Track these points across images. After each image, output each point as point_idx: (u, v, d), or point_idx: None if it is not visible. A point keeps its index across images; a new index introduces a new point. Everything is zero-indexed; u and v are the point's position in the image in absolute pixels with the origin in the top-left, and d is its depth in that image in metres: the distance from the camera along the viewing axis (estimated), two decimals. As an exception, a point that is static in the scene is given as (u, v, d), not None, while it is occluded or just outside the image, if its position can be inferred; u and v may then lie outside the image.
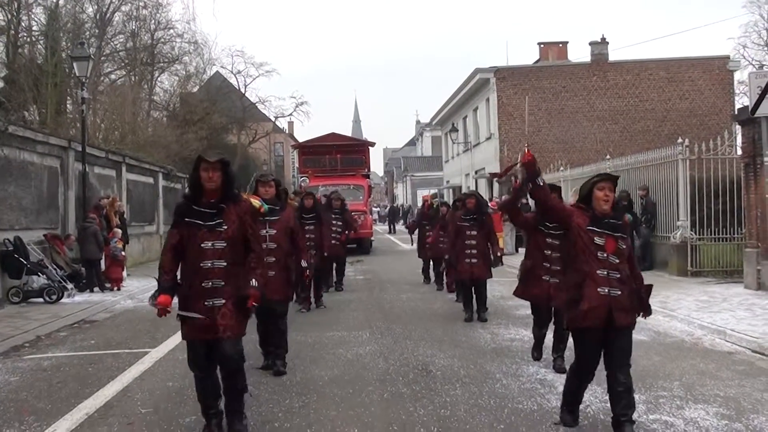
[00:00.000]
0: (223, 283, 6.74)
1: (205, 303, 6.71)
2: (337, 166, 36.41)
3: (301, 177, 36.19)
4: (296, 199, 14.64)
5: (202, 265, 6.73)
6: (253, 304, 6.88)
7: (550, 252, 9.90)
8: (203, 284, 6.73)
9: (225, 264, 6.75)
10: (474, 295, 14.11)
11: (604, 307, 6.74)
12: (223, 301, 6.73)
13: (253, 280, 6.85)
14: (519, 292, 10.48)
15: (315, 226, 15.47)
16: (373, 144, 39.85)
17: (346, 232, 18.61)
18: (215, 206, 6.80)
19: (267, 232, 9.68)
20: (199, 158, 6.84)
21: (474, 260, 13.69)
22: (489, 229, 14.02)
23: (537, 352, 10.56)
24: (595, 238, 6.86)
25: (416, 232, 20.96)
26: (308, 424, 7.61)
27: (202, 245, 6.73)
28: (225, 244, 6.76)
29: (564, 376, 8.25)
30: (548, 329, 10.42)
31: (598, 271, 6.80)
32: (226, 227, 6.77)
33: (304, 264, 10.77)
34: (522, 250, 30.69)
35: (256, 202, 8.77)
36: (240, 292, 6.80)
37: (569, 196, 28.39)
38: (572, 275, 7.02)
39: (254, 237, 7.04)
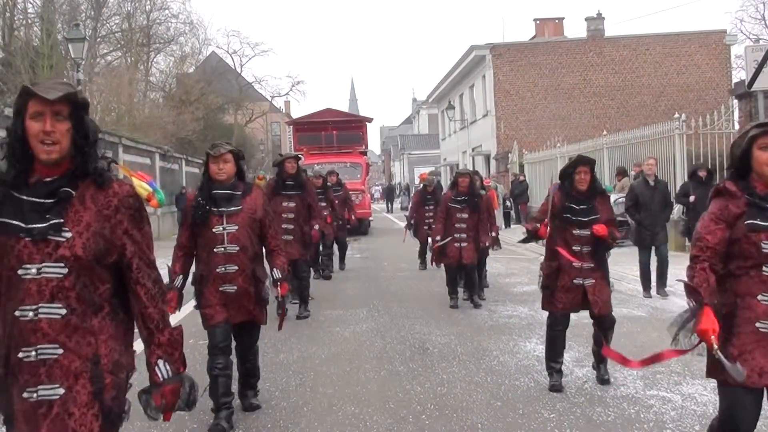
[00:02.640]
0: (60, 351, 3.30)
1: (26, 395, 3.29)
2: (333, 143, 34.58)
3: (296, 155, 34.61)
4: (262, 182, 11.49)
5: (18, 314, 3.28)
6: None
7: (579, 248, 7.79)
8: (23, 356, 3.29)
9: (63, 312, 3.30)
10: (462, 281, 13.47)
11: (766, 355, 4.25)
12: (61, 390, 3.30)
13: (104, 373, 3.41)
14: (546, 305, 8.16)
15: (298, 199, 12.33)
16: (370, 120, 37.93)
17: (337, 215, 17.55)
18: (52, 190, 3.36)
19: (224, 229, 6.69)
20: (24, 93, 3.33)
21: (463, 244, 12.73)
22: (481, 212, 13.01)
23: (554, 377, 8.08)
24: (762, 243, 4.21)
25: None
26: (305, 402, 7.64)
27: (21, 272, 3.28)
28: (65, 271, 3.29)
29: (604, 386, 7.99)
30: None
31: (761, 297, 4.25)
32: (69, 235, 3.31)
33: (277, 274, 7.11)
34: (515, 227, 30.73)
35: (142, 184, 4.48)
36: (100, 382, 3.39)
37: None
38: (724, 297, 4.39)
39: (142, 259, 3.54)
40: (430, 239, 15.21)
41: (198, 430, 6.82)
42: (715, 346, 4.11)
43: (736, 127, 19.23)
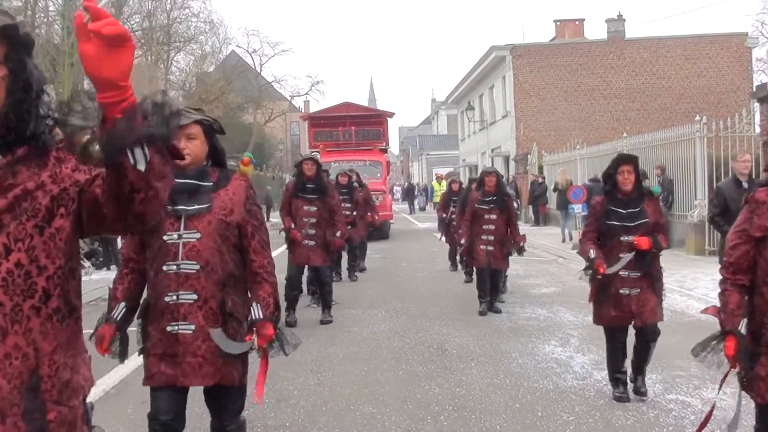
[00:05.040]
0: None
1: None
2: (351, 139, 32.09)
3: (312, 152, 32.40)
4: (248, 168, 7.91)
5: None
6: None
7: (626, 256, 7.32)
8: None
9: None
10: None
11: None
12: None
13: None
14: (598, 319, 7.65)
15: (319, 203, 11.67)
16: (391, 115, 34.71)
17: (357, 214, 16.86)
18: None
19: (180, 237, 4.42)
20: None
21: (491, 248, 12.22)
22: (510, 212, 12.53)
23: (620, 388, 7.58)
24: None
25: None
26: (323, 401, 7.64)
27: None
28: None
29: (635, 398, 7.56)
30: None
31: None
32: None
33: (257, 312, 4.55)
34: (532, 228, 30.64)
35: None
36: None
37: (556, 176, 28.45)
38: (751, 314, 4.19)
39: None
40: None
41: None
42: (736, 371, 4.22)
43: (757, 130, 19.06)
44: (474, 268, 13.13)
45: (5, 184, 2.27)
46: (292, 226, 11.45)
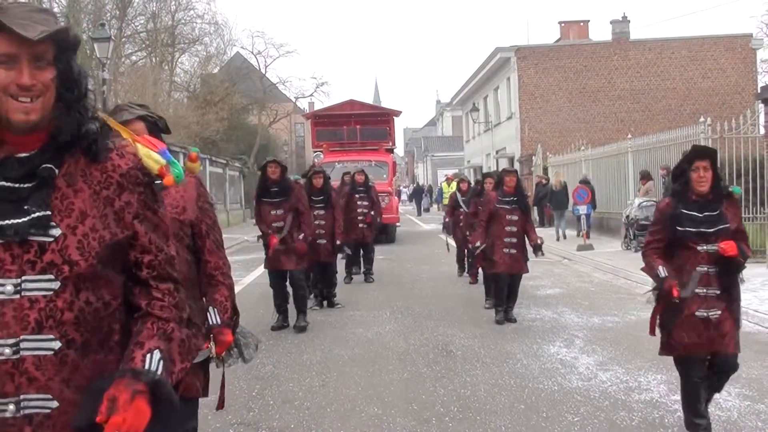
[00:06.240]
0: (54, 404, 2.25)
1: None
2: (356, 138, 30.75)
3: (315, 152, 30.67)
4: (195, 165, 4.85)
5: None
6: None
7: (706, 268, 5.94)
8: None
9: (57, 346, 2.24)
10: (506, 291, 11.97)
11: None
12: None
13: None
14: (668, 348, 6.23)
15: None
16: (398, 113, 32.94)
17: (372, 215, 16.78)
18: (31, 169, 2.30)
19: None
20: None
21: (513, 250, 11.59)
22: (528, 213, 12.11)
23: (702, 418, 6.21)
24: None
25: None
26: (328, 402, 7.64)
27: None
28: (57, 286, 2.25)
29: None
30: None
31: None
32: (57, 232, 2.27)
33: (213, 317, 4.27)
34: (541, 230, 30.59)
35: (151, 154, 2.67)
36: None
37: (552, 176, 28.58)
38: None
39: (159, 255, 2.48)
40: (470, 245, 14.01)
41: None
42: None
43: (761, 132, 19.04)
44: (489, 274, 12.45)
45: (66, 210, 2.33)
46: (269, 231, 11.10)
